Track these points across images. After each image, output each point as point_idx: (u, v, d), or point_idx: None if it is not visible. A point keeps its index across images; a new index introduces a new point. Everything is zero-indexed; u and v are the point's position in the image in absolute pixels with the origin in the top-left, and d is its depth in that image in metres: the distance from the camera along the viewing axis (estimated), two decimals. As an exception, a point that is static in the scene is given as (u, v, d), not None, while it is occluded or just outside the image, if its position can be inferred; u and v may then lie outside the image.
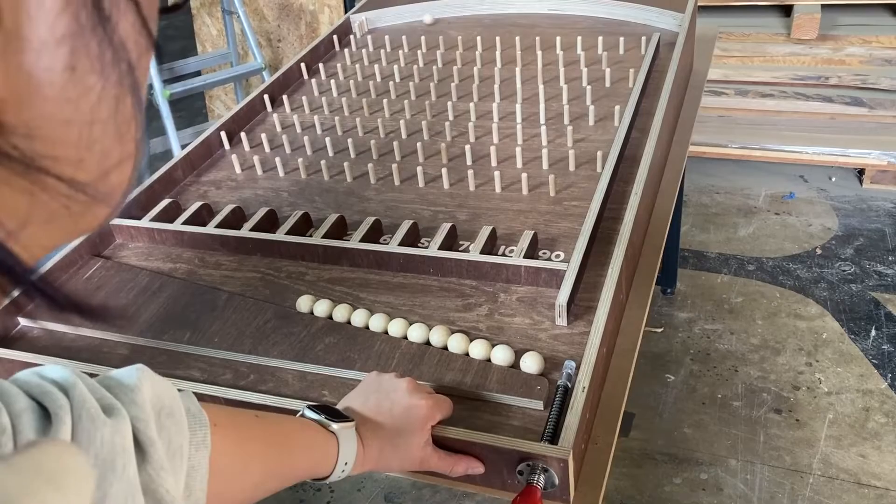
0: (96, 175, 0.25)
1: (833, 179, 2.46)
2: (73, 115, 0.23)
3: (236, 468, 0.53)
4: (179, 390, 0.48)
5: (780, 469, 1.55)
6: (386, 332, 0.81)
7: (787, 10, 2.48)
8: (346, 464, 0.61)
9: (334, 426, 0.62)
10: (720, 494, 1.52)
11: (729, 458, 1.59)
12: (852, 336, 1.85)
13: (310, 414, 0.63)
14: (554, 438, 0.65)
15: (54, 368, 0.41)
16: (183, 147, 1.30)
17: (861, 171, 2.41)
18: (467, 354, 0.77)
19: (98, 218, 0.26)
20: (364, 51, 1.48)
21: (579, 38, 1.37)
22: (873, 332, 1.86)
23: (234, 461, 0.53)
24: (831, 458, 1.56)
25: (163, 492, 0.40)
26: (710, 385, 1.76)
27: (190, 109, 3.32)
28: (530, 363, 0.74)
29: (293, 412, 0.66)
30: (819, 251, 2.15)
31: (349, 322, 0.83)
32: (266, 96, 1.32)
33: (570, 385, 0.71)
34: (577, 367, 0.72)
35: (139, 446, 0.40)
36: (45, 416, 0.37)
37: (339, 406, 0.67)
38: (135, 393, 0.42)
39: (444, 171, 1.06)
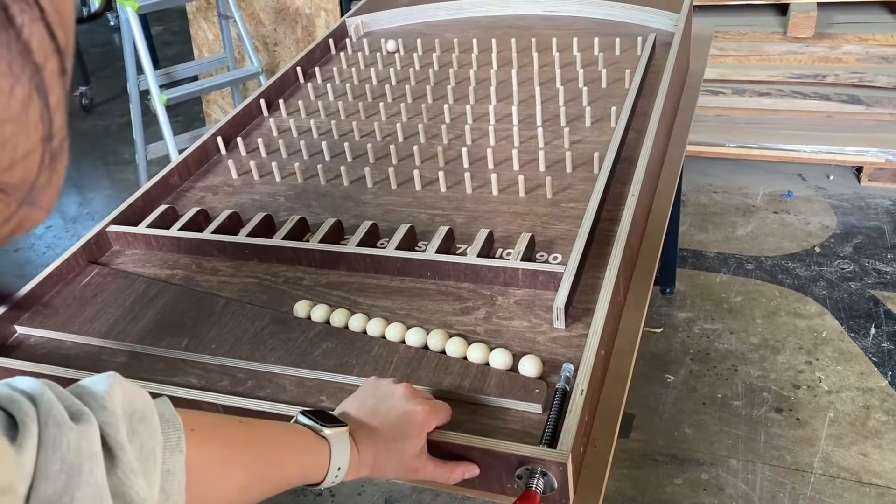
0: (3, 169, 0.26)
1: (831, 178, 2.46)
2: None
3: (217, 472, 0.54)
4: (157, 395, 0.49)
5: (781, 468, 1.55)
6: (384, 337, 0.81)
7: (783, 9, 2.48)
8: (339, 469, 0.61)
9: (326, 431, 0.62)
10: (721, 494, 1.52)
11: (730, 458, 1.58)
12: (852, 334, 1.85)
13: (303, 419, 0.63)
14: (553, 442, 0.65)
15: (24, 379, 0.42)
16: (180, 152, 1.30)
17: (859, 169, 2.41)
18: (465, 358, 0.77)
19: (9, 210, 0.27)
20: (360, 54, 1.48)
21: (575, 40, 1.37)
22: (873, 330, 1.85)
23: (215, 465, 0.53)
24: (832, 457, 1.56)
25: (133, 494, 0.41)
26: (710, 385, 1.76)
27: (187, 114, 3.33)
28: (528, 366, 0.74)
29: (290, 418, 0.66)
30: (818, 249, 2.15)
31: (346, 327, 0.83)
32: (262, 101, 1.32)
33: (568, 388, 0.71)
34: (576, 370, 0.72)
35: (109, 451, 0.41)
36: (14, 425, 0.38)
37: (336, 411, 0.67)
38: (104, 399, 0.44)
39: (440, 174, 1.05)
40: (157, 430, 0.46)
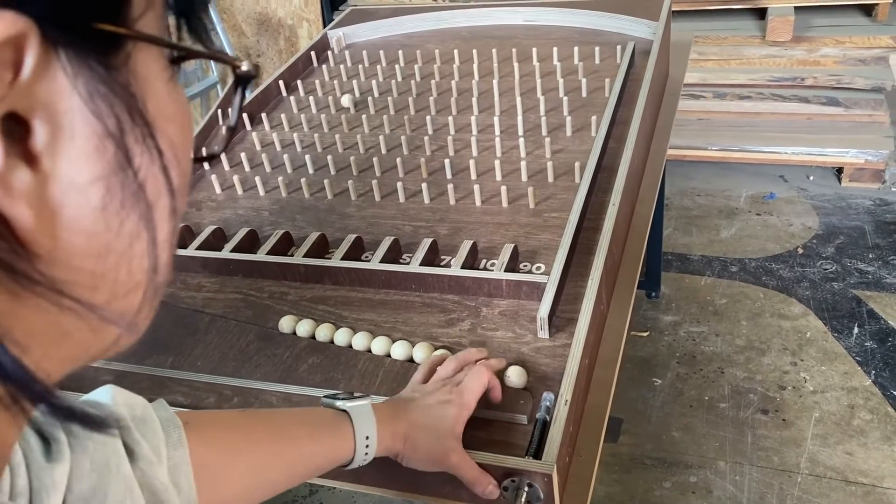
0: (107, 299, 0.27)
1: (812, 179, 2.49)
2: (93, 247, 0.25)
3: (223, 461, 0.55)
4: (151, 400, 0.52)
5: (769, 469, 1.56)
6: (369, 351, 0.81)
7: (761, 13, 2.51)
8: (367, 438, 0.61)
9: (344, 403, 0.62)
10: (710, 497, 1.53)
11: (717, 461, 1.60)
12: (835, 334, 1.87)
13: (324, 401, 0.65)
14: (538, 453, 0.66)
15: None
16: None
17: (839, 170, 2.44)
18: (450, 370, 0.77)
19: (111, 337, 0.28)
20: (342, 66, 1.49)
21: (555, 49, 1.39)
22: (856, 330, 1.87)
23: (220, 455, 0.55)
24: (818, 457, 1.57)
25: (157, 483, 0.44)
26: (697, 387, 1.78)
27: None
28: (514, 377, 0.74)
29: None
30: (801, 250, 2.17)
31: (332, 341, 0.83)
32: (245, 115, 1.32)
33: (548, 418, 0.70)
34: (555, 399, 0.71)
35: (126, 447, 0.44)
36: (45, 440, 0.40)
37: None
38: (112, 406, 0.47)
39: (424, 185, 1.06)
40: (158, 429, 0.48)
